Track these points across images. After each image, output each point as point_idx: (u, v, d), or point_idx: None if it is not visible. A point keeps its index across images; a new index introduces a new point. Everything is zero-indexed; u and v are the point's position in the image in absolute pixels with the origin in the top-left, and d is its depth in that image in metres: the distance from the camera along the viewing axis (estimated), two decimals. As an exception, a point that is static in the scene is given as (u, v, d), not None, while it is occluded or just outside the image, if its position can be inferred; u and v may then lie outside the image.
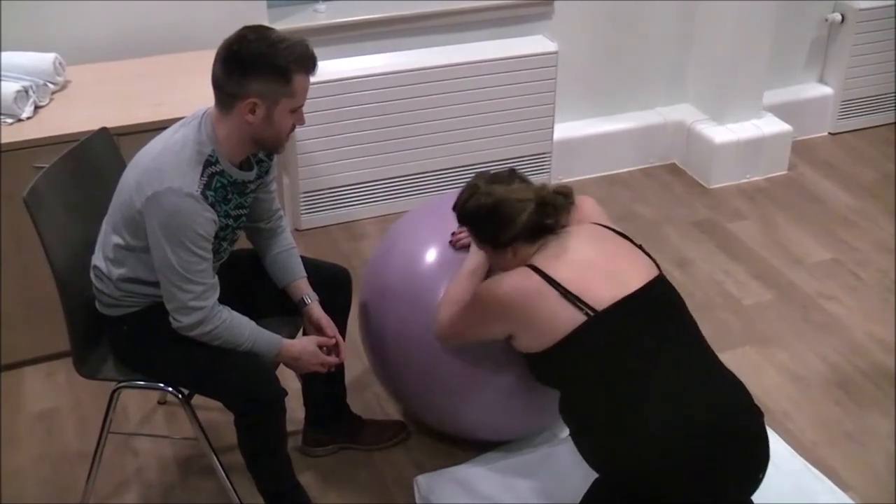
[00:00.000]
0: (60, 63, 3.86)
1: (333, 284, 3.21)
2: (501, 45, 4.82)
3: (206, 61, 4.27)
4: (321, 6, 4.62)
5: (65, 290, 2.90)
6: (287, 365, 2.97)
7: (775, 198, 5.15)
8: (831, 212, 5.02)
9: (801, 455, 3.42)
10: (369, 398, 3.71)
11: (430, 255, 3.20)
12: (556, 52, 4.82)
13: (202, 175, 2.69)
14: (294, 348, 2.93)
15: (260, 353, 2.87)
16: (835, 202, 5.11)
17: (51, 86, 3.82)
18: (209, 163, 2.71)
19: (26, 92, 3.67)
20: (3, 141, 3.51)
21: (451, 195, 2.93)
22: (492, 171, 2.83)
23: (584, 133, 5.21)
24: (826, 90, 5.75)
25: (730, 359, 3.86)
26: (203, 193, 2.68)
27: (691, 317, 2.83)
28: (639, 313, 2.68)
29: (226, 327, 2.80)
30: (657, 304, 2.75)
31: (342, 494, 3.34)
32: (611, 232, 2.86)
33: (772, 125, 5.31)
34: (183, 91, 3.78)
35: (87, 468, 3.15)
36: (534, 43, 4.87)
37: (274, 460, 3.03)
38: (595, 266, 2.71)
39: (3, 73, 3.75)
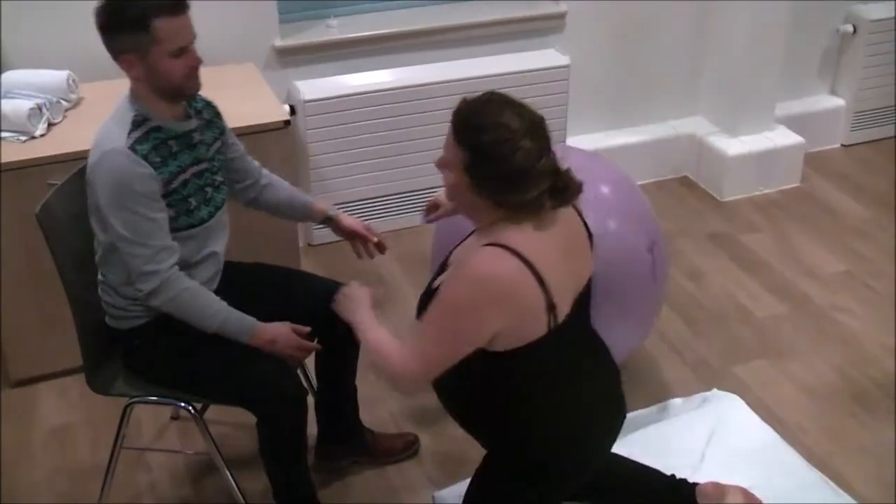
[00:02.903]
0: (74, 80, 3.89)
1: None
2: (513, 59, 4.83)
3: (217, 77, 4.29)
4: (333, 21, 4.63)
5: (77, 306, 2.92)
6: (264, 349, 2.88)
7: (788, 210, 5.14)
8: (845, 224, 5.01)
9: (816, 467, 3.40)
10: (382, 413, 3.71)
11: None
12: (568, 66, 4.83)
13: (130, 133, 2.74)
14: (268, 331, 2.87)
15: (231, 334, 2.84)
16: (848, 214, 5.10)
17: (64, 103, 3.83)
18: (137, 122, 2.77)
19: (40, 109, 3.69)
20: (17, 158, 3.54)
21: None
22: (522, 106, 2.43)
23: (596, 146, 5.20)
24: (838, 102, 5.74)
25: (743, 371, 3.89)
26: (132, 148, 2.71)
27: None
28: (579, 324, 2.62)
29: (190, 296, 2.79)
30: (586, 305, 2.67)
31: (355, 509, 3.34)
32: (573, 211, 2.65)
33: (784, 137, 5.30)
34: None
35: (101, 483, 3.16)
36: (546, 57, 4.88)
37: (294, 463, 3.03)
38: (565, 263, 2.50)
39: (16, 90, 3.77)
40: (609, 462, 2.88)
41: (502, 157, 2.37)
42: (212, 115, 3.04)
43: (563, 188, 2.46)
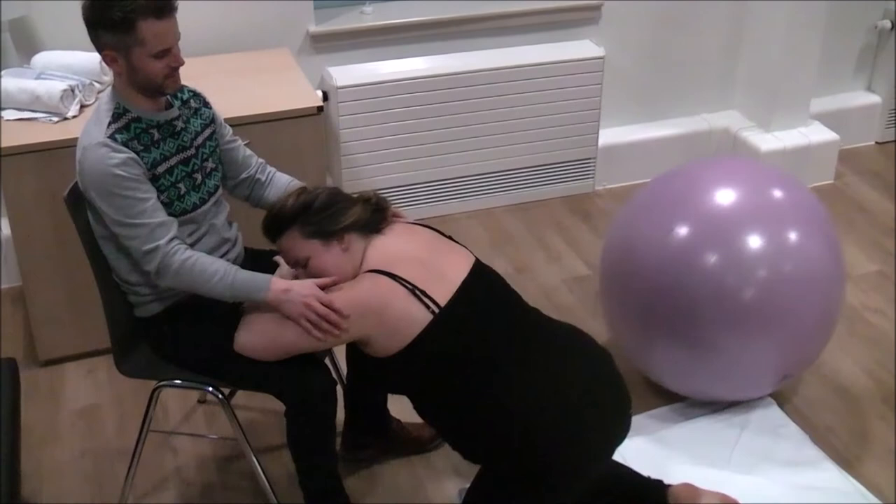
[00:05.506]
0: (107, 62, 3.89)
1: None
2: (548, 50, 4.81)
3: (251, 62, 4.31)
4: (368, 8, 4.62)
5: (105, 289, 2.93)
6: (279, 307, 2.78)
7: (821, 207, 5.10)
8: (877, 222, 4.97)
9: (844, 469, 3.38)
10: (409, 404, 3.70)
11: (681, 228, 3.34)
12: (602, 57, 4.80)
13: (110, 125, 2.77)
14: (284, 281, 2.80)
15: (246, 295, 2.80)
16: (881, 212, 5.06)
17: (97, 85, 3.84)
18: (118, 115, 2.80)
19: (73, 91, 3.70)
20: (50, 139, 3.55)
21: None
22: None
23: (629, 139, 5.19)
24: (874, 98, 5.70)
25: (773, 370, 3.84)
26: (112, 137, 2.74)
27: (513, 289, 2.94)
28: (475, 303, 2.77)
29: (192, 264, 2.78)
30: (485, 289, 2.85)
31: (381, 497, 3.34)
32: (422, 227, 2.95)
33: (819, 133, 5.26)
34: (228, 91, 3.78)
35: (127, 465, 3.17)
36: (580, 48, 4.85)
37: (322, 454, 3.02)
38: (426, 263, 2.76)
39: (50, 71, 3.78)
40: None
41: (311, 200, 2.79)
42: (200, 104, 3.06)
43: (372, 199, 2.88)
